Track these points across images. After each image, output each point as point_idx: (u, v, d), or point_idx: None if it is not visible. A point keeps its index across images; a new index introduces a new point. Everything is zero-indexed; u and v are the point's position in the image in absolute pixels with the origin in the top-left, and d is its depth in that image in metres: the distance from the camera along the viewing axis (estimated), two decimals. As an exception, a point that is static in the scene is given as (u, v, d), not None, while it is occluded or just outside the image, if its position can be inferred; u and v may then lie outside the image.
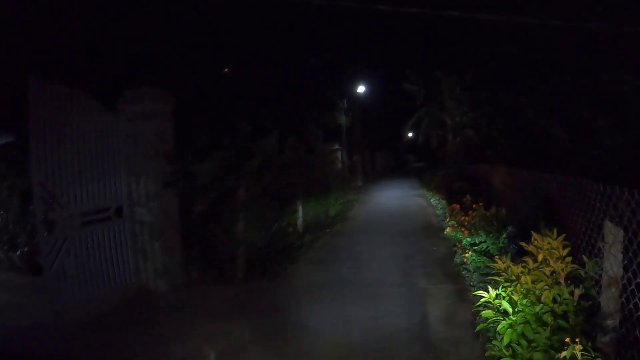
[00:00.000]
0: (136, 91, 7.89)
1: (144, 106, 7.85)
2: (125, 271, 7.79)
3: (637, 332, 4.08)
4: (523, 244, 5.51)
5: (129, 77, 8.70)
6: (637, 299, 4.15)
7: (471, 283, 7.67)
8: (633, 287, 4.21)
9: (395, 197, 23.76)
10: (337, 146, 25.95)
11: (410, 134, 40.05)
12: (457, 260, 9.24)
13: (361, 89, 30.78)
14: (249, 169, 8.62)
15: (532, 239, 5.28)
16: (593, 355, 3.85)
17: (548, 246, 5.00)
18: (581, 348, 3.76)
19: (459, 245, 10.05)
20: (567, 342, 3.89)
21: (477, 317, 5.92)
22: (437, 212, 16.91)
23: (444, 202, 17.65)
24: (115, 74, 9.02)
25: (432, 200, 20.58)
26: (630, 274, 4.27)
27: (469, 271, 8.31)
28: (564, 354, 3.84)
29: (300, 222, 12.77)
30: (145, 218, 7.94)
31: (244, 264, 8.67)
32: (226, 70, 15.14)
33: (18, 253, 9.47)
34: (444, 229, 12.63)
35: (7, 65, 8.19)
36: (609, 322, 4.37)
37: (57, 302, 6.42)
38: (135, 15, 9.65)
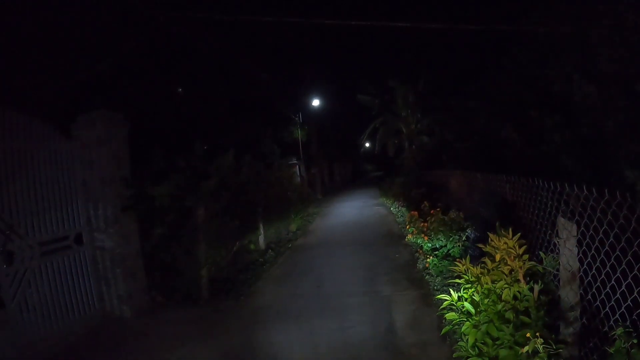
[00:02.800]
0: (89, 116, 7.79)
1: (98, 130, 7.76)
2: (88, 299, 7.67)
3: (597, 321, 4.19)
4: (481, 245, 5.61)
5: (82, 102, 8.59)
6: (594, 290, 4.27)
7: (435, 287, 7.78)
8: (590, 278, 4.33)
9: (356, 208, 23.84)
10: (294, 160, 25.98)
11: (367, 144, 40.35)
12: (420, 266, 9.34)
13: (316, 102, 30.94)
14: (206, 189, 8.58)
15: (489, 239, 5.38)
16: (555, 347, 3.94)
17: (505, 246, 5.10)
18: (542, 342, 3.85)
19: (421, 251, 10.16)
20: (529, 338, 3.98)
21: (443, 320, 6.00)
22: (398, 219, 17.03)
23: (403, 209, 17.78)
24: (68, 99, 8.90)
25: (392, 209, 20.72)
26: (586, 266, 4.39)
27: (432, 276, 8.41)
28: (526, 348, 3.93)
29: (261, 239, 12.74)
30: (106, 244, 7.83)
31: (207, 284, 8.62)
32: (179, 90, 15.06)
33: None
34: (405, 236, 12.73)
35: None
36: (570, 314, 4.49)
37: (21, 336, 6.29)
38: (86, 39, 9.56)
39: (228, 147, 10.07)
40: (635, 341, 3.51)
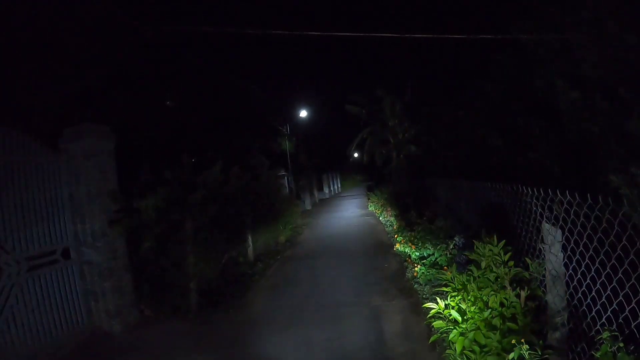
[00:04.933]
0: (76, 129, 7.76)
1: (85, 144, 7.73)
2: (77, 314, 7.62)
3: (584, 325, 4.21)
4: (467, 253, 5.63)
5: (69, 115, 8.56)
6: (580, 294, 4.29)
7: (424, 296, 7.79)
8: (575, 283, 4.36)
9: (345, 218, 23.83)
10: (283, 172, 25.95)
11: (356, 154, 40.34)
12: (409, 275, 9.34)
13: (304, 113, 30.99)
14: (193, 202, 8.55)
15: (475, 247, 5.40)
16: (540, 353, 3.95)
17: (490, 253, 5.13)
18: (528, 348, 3.86)
19: (409, 260, 10.17)
20: (520, 342, 3.99)
21: (432, 329, 6.01)
22: (387, 229, 17.03)
23: (392, 219, 17.80)
24: (55, 112, 8.86)
25: (381, 218, 20.73)
26: (571, 271, 4.42)
27: (421, 284, 8.42)
28: (511, 355, 3.94)
29: (250, 250, 12.70)
30: (93, 258, 7.78)
31: (196, 297, 8.57)
32: (168, 103, 15.04)
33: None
34: (394, 246, 12.74)
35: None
36: (558, 319, 4.51)
37: (9, 351, 6.24)
38: (73, 51, 9.53)
39: (216, 159, 10.04)
40: (621, 345, 3.53)
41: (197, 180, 8.95)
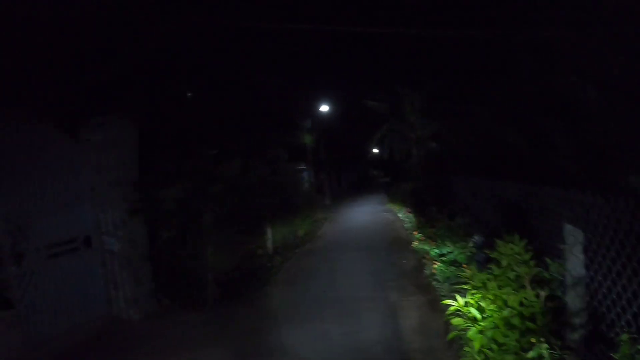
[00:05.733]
0: (99, 119, 7.85)
1: (108, 134, 7.82)
2: (96, 302, 7.71)
3: (603, 327, 4.19)
4: (488, 251, 5.62)
5: (93, 106, 8.62)
6: (601, 296, 4.27)
7: (441, 293, 7.75)
8: (596, 284, 4.33)
9: (363, 213, 23.83)
10: (302, 166, 25.96)
11: (375, 150, 40.18)
12: (427, 271, 9.31)
13: (324, 107, 30.92)
14: (213, 194, 8.60)
15: (496, 245, 5.39)
16: (560, 353, 3.94)
17: (511, 252, 5.11)
18: (547, 347, 3.86)
19: (428, 257, 10.14)
20: (534, 343, 3.99)
21: (449, 326, 6.00)
22: (405, 225, 17.02)
23: (411, 215, 17.76)
24: (78, 103, 8.92)
25: (399, 214, 20.70)
26: (592, 272, 4.40)
27: (439, 282, 8.39)
28: (530, 354, 3.93)
29: (269, 243, 12.74)
30: (114, 247, 7.86)
31: (214, 288, 8.62)
32: (189, 94, 15.07)
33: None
34: (412, 242, 12.71)
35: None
36: (576, 320, 4.49)
37: (29, 336, 6.33)
38: (98, 41, 9.59)
39: (236, 151, 10.08)
40: (640, 347, 3.51)
41: (217, 172, 9.00)
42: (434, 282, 8.51)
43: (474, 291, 5.38)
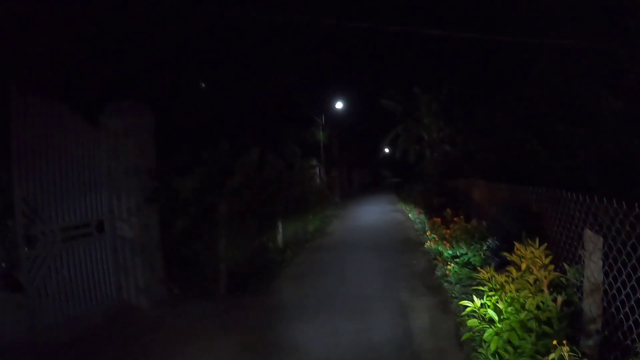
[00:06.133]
0: (118, 105, 7.87)
1: (125, 121, 7.83)
2: (106, 287, 7.72)
3: (620, 334, 4.17)
4: (506, 254, 5.60)
5: (111, 92, 8.67)
6: (618, 303, 4.25)
7: (453, 294, 7.73)
8: (614, 291, 4.31)
9: (374, 212, 23.85)
10: (315, 162, 25.99)
11: (387, 150, 40.20)
12: (438, 273, 9.29)
13: (339, 105, 30.96)
14: (230, 186, 8.62)
15: (515, 248, 5.37)
16: (580, 356, 3.93)
17: (531, 255, 5.10)
18: (568, 350, 3.84)
19: (440, 259, 10.11)
20: (554, 345, 3.97)
21: (461, 328, 5.99)
22: (416, 226, 17.01)
23: (422, 216, 17.72)
24: (97, 88, 8.97)
25: (410, 215, 20.68)
26: (610, 279, 4.38)
27: (451, 283, 8.36)
28: (552, 356, 3.92)
29: (280, 237, 12.76)
30: (127, 233, 7.89)
31: (225, 279, 8.63)
32: (203, 85, 15.12)
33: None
34: (423, 243, 12.69)
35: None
36: (592, 327, 4.47)
37: (38, 320, 6.33)
38: (118, 30, 9.64)
39: (251, 145, 10.10)
40: (657, 356, 3.50)
41: (234, 165, 9.01)
42: (445, 284, 8.49)
43: (491, 293, 5.36)
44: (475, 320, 5.14)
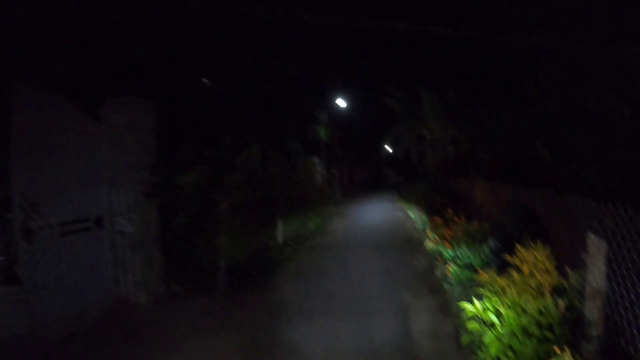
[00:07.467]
0: (119, 100, 7.80)
1: (127, 116, 7.77)
2: (105, 283, 7.67)
3: (622, 341, 4.13)
4: (508, 256, 5.55)
5: (113, 87, 8.61)
6: (621, 309, 4.20)
7: (453, 296, 7.68)
8: (617, 297, 4.27)
9: (375, 211, 23.82)
10: (316, 159, 25.95)
11: (389, 149, 40.18)
12: (439, 273, 9.25)
13: (341, 103, 30.88)
14: (231, 183, 8.57)
15: (517, 251, 5.32)
16: (581, 362, 3.90)
17: (533, 259, 5.05)
18: (570, 355, 3.80)
19: (440, 259, 10.07)
20: (555, 351, 3.93)
21: (461, 330, 5.94)
22: (417, 226, 16.96)
23: (423, 216, 17.69)
24: (99, 83, 8.91)
25: (411, 215, 20.64)
26: (614, 285, 4.33)
27: (451, 284, 8.32)
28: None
29: (280, 235, 12.72)
30: (126, 229, 7.83)
31: (224, 277, 8.59)
32: (204, 80, 15.07)
33: (-7, 262, 9.28)
34: (423, 243, 12.66)
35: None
36: (594, 332, 4.42)
37: (36, 314, 6.28)
38: (120, 24, 9.59)
39: (253, 141, 10.06)
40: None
41: (236, 161, 8.97)
42: (445, 285, 8.45)
43: (492, 296, 5.31)
44: (475, 323, 5.09)
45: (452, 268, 8.92)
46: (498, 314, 4.95)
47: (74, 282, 7.00)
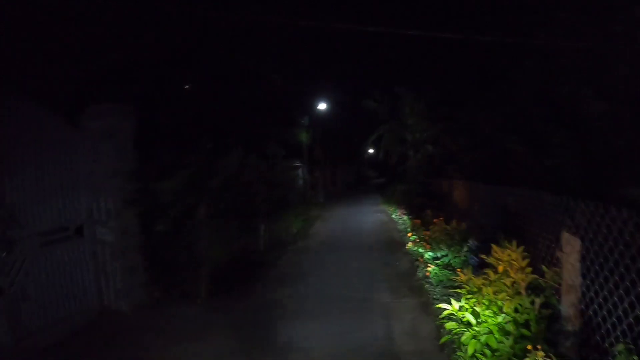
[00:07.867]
0: (98, 107, 7.76)
1: (106, 123, 7.74)
2: (87, 292, 7.63)
3: (597, 336, 4.18)
4: (484, 256, 5.60)
5: (91, 93, 8.55)
6: (596, 305, 4.26)
7: (434, 296, 7.73)
8: (592, 293, 4.32)
9: (357, 213, 23.86)
10: (298, 163, 25.94)
11: (371, 150, 40.17)
12: (420, 274, 9.30)
13: (322, 106, 30.91)
14: (210, 188, 8.56)
15: (493, 251, 5.38)
16: (557, 358, 3.94)
17: (508, 258, 5.11)
18: (543, 355, 3.84)
19: (421, 260, 10.12)
20: (529, 350, 3.97)
21: (442, 330, 5.98)
22: (399, 227, 17.01)
23: (405, 217, 17.76)
24: (77, 90, 8.85)
25: (393, 216, 20.71)
26: (588, 281, 4.38)
27: (432, 285, 8.37)
28: (527, 360, 3.92)
29: (262, 239, 12.72)
30: (106, 237, 7.80)
31: (207, 282, 8.57)
32: (187, 87, 15.02)
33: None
34: (405, 244, 12.69)
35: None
36: (570, 328, 4.48)
37: (17, 325, 6.24)
38: (97, 29, 9.53)
39: (233, 145, 10.05)
40: (635, 358, 3.50)
41: (215, 166, 8.96)
42: (426, 285, 8.49)
43: (468, 295, 5.37)
44: (454, 323, 5.14)
45: (431, 269, 8.98)
46: (475, 314, 5.00)
47: (55, 292, 6.97)
